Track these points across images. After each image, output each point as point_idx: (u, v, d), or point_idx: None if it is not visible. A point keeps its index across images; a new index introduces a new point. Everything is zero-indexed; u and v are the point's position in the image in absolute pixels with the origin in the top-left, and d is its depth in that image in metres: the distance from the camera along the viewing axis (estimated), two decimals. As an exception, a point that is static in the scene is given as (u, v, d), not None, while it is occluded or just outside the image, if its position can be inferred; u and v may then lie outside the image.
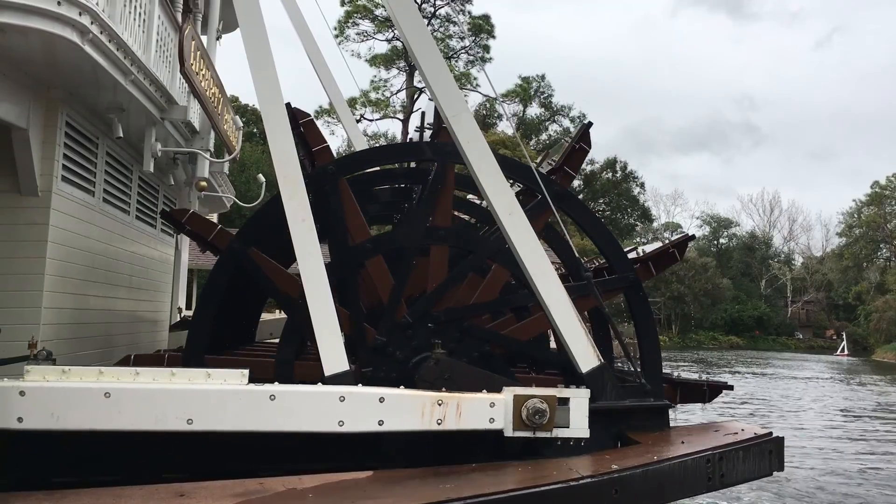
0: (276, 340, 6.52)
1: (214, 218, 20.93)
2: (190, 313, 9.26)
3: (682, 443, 4.48)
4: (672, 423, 4.96)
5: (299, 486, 3.72)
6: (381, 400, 4.02)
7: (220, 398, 3.88)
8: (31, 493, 3.63)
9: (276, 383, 4.07)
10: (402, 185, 7.36)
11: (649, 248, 6.25)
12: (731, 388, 6.07)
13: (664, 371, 5.60)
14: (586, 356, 4.55)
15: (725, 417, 18.78)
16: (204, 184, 7.94)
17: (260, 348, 6.97)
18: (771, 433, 4.61)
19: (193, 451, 4.08)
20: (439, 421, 4.08)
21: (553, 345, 5.77)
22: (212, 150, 8.32)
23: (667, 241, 6.17)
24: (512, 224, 4.56)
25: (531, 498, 3.70)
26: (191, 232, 5.55)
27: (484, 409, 4.17)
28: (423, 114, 9.20)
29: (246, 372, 4.02)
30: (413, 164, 6.86)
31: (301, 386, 4.15)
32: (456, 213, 7.52)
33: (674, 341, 63.25)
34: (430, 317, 5.08)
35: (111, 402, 3.74)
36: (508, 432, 4.19)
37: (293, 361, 4.89)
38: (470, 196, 7.60)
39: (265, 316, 8.68)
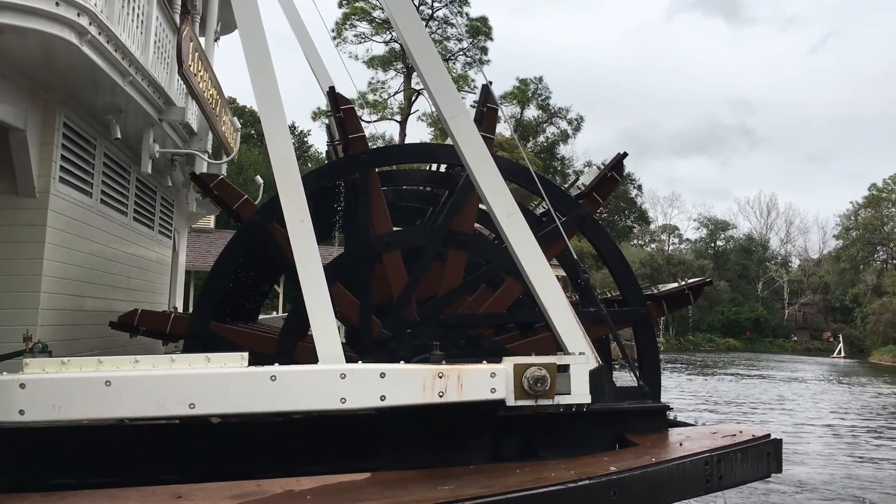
0: None
1: (212, 220, 20.92)
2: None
3: (681, 445, 4.49)
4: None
5: (297, 488, 3.72)
6: (383, 375, 4.01)
7: (222, 381, 3.86)
8: (28, 494, 3.62)
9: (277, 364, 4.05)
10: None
11: (587, 179, 6.16)
12: (710, 283, 6.13)
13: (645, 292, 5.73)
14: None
15: (723, 419, 18.80)
16: (202, 185, 7.93)
17: None
18: (769, 435, 4.62)
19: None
20: (441, 393, 4.05)
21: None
22: (210, 151, 8.33)
23: (601, 168, 6.06)
24: (510, 225, 4.56)
25: (529, 500, 3.70)
26: (146, 331, 5.45)
27: (485, 380, 4.15)
28: (328, 127, 9.00)
29: (245, 355, 4.01)
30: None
31: (301, 366, 4.15)
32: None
33: (671, 343, 63.09)
34: (406, 322, 5.07)
35: (112, 390, 3.72)
36: (510, 402, 4.17)
37: None
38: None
39: (261, 317, 8.66)
